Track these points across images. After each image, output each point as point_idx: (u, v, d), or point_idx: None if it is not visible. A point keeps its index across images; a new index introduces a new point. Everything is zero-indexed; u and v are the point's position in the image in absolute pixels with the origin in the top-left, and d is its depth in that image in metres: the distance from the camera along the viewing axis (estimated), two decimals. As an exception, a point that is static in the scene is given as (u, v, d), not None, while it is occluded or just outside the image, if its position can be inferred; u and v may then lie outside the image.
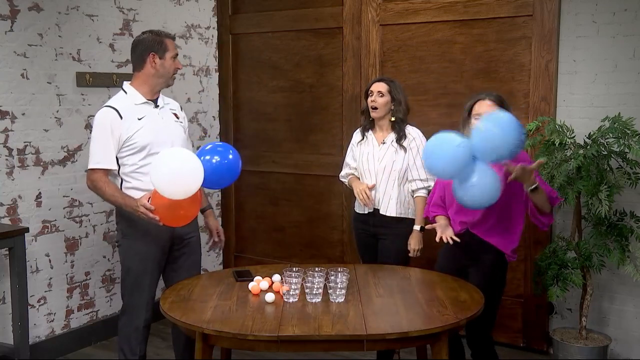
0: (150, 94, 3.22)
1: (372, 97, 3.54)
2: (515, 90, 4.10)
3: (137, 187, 3.16)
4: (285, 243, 5.16)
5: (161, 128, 3.20)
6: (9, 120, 3.82)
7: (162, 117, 3.23)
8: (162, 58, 3.17)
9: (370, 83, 3.64)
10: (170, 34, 3.28)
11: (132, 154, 3.14)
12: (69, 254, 4.20)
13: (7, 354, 3.65)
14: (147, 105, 3.20)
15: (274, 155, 5.09)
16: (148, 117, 3.18)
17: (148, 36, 3.21)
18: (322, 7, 4.77)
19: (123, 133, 3.11)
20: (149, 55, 3.16)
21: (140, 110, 3.17)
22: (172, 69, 3.21)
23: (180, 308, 2.73)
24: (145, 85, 3.20)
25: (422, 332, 2.51)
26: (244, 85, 5.20)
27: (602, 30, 3.84)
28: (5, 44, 3.77)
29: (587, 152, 3.54)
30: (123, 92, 3.22)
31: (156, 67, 3.17)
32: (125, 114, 3.12)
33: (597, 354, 3.72)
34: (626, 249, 3.65)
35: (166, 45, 3.19)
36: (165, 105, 3.29)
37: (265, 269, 3.22)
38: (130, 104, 3.17)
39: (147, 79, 3.19)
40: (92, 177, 3.14)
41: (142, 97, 3.19)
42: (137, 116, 3.14)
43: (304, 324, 2.55)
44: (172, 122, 3.29)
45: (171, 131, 3.25)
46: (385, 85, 3.55)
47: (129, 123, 3.12)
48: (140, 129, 3.13)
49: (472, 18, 4.19)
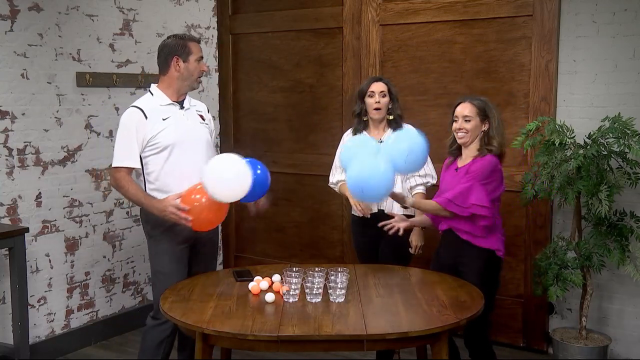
0: (176, 96, 3.24)
1: (374, 97, 3.53)
2: (515, 90, 4.10)
3: (160, 188, 3.16)
4: (285, 243, 5.16)
5: (186, 129, 3.21)
6: (9, 120, 3.82)
7: (187, 118, 3.24)
8: (186, 61, 3.19)
9: (367, 83, 3.60)
10: (195, 37, 3.30)
11: (155, 154, 3.14)
12: (69, 254, 4.20)
13: (7, 354, 3.65)
14: (173, 106, 3.22)
15: (274, 155, 5.09)
16: (173, 117, 3.19)
17: (172, 40, 3.24)
18: (322, 7, 4.77)
19: (147, 132, 3.12)
20: (172, 58, 3.19)
21: (165, 111, 3.19)
22: (196, 71, 3.23)
23: (180, 308, 2.73)
24: (170, 88, 3.23)
25: (422, 332, 2.51)
26: (244, 85, 5.20)
27: (602, 30, 3.84)
28: (5, 44, 3.77)
29: (587, 152, 3.54)
30: (149, 94, 3.25)
31: (180, 70, 3.20)
32: (150, 114, 3.14)
33: (597, 354, 3.72)
34: (626, 249, 3.65)
35: (190, 49, 3.20)
36: (191, 107, 3.31)
37: (265, 269, 3.22)
38: (156, 105, 3.19)
39: (172, 82, 3.22)
40: (116, 176, 3.15)
41: (167, 98, 3.21)
42: (162, 116, 3.16)
43: (304, 324, 2.55)
44: (197, 123, 3.29)
45: (196, 132, 3.26)
46: (385, 85, 3.56)
47: (154, 123, 3.13)
48: (164, 129, 3.14)
49: (472, 18, 4.19)
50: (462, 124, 3.14)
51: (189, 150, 3.18)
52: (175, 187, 3.14)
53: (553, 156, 3.64)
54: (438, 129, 4.31)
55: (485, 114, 3.15)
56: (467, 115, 3.13)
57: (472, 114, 3.13)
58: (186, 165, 3.17)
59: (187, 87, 3.25)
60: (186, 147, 3.18)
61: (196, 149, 3.22)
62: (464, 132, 3.14)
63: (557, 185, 3.56)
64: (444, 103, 4.32)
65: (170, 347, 3.27)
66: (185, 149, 3.17)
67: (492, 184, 3.10)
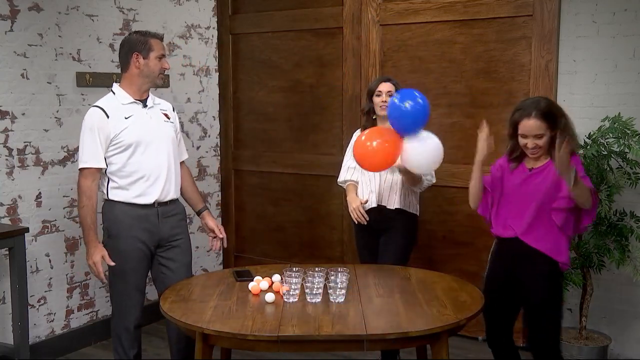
0: (138, 93, 3.22)
1: (381, 97, 3.57)
2: (515, 90, 4.10)
3: (122, 186, 3.18)
4: (285, 243, 5.16)
5: (149, 127, 3.20)
6: (9, 120, 3.82)
7: (150, 117, 3.23)
8: (146, 58, 3.16)
9: (376, 83, 3.66)
10: (157, 34, 3.26)
11: (118, 153, 3.15)
12: (69, 254, 4.20)
13: (7, 354, 3.65)
14: (135, 104, 3.21)
15: (274, 155, 5.09)
16: (135, 116, 3.18)
17: (133, 36, 3.22)
18: (322, 7, 4.76)
19: (110, 132, 3.12)
20: (132, 55, 3.17)
21: (127, 109, 3.18)
22: (157, 68, 3.19)
23: (181, 308, 2.74)
24: (132, 86, 3.21)
25: (422, 332, 2.51)
26: (244, 85, 5.20)
27: (602, 30, 3.84)
28: (5, 44, 3.77)
29: (587, 152, 3.54)
30: (111, 93, 3.24)
31: (140, 67, 3.17)
32: (112, 113, 3.13)
33: (597, 354, 3.73)
34: (626, 249, 3.65)
35: (150, 45, 3.17)
36: (155, 105, 3.30)
37: (265, 269, 3.22)
38: (117, 104, 3.18)
39: (132, 79, 3.20)
40: (80, 183, 3.17)
41: (129, 97, 3.20)
42: (124, 115, 3.15)
43: (304, 324, 2.55)
44: (161, 121, 3.28)
45: (159, 131, 3.25)
46: (392, 86, 3.61)
47: (116, 122, 3.13)
48: (126, 127, 3.14)
49: (472, 18, 4.19)
50: (534, 141, 2.88)
51: (152, 148, 3.19)
52: (137, 185, 3.15)
53: (553, 156, 3.64)
54: (438, 128, 4.31)
55: (554, 122, 2.87)
56: (538, 134, 2.87)
57: (542, 129, 2.86)
58: (149, 163, 3.18)
59: (149, 84, 3.22)
60: (149, 146, 3.17)
61: (160, 147, 3.22)
62: (537, 149, 2.90)
63: (557, 185, 3.55)
64: (444, 103, 4.33)
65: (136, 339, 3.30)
66: (148, 147, 3.17)
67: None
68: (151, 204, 3.21)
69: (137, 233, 3.18)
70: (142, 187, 3.18)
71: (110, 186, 3.19)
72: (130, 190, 3.16)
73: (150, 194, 3.20)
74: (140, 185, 3.18)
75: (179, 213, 3.36)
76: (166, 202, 3.27)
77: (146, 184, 3.19)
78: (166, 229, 3.26)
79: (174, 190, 3.30)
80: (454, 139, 4.25)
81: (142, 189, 3.18)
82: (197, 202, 3.52)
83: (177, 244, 3.33)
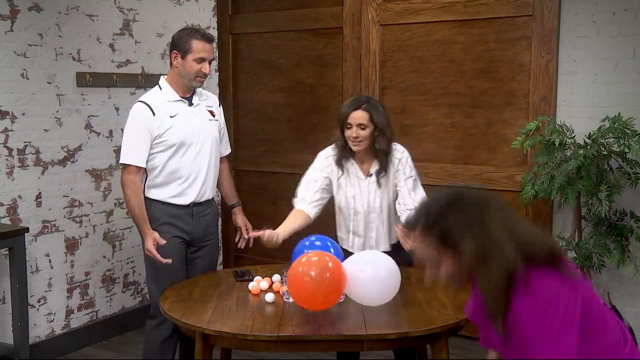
0: (182, 91, 3.17)
1: (352, 131, 2.96)
2: (515, 90, 4.10)
3: (159, 185, 3.16)
4: (285, 243, 5.14)
5: (193, 127, 3.16)
6: (9, 120, 3.82)
7: (195, 116, 3.19)
8: (184, 58, 3.10)
9: (347, 111, 2.98)
10: (206, 35, 3.14)
11: (159, 152, 3.13)
12: (69, 254, 4.20)
13: (7, 354, 3.65)
14: (181, 103, 3.17)
15: (274, 155, 5.09)
16: (180, 115, 3.14)
17: (179, 33, 3.16)
18: (322, 7, 4.76)
19: (154, 130, 3.08)
20: (172, 52, 3.14)
21: (173, 107, 3.14)
22: (192, 71, 3.11)
23: (181, 308, 2.73)
24: (175, 83, 3.17)
25: (422, 332, 2.51)
26: (244, 85, 5.20)
27: (602, 30, 3.84)
28: (5, 44, 3.77)
29: (587, 152, 3.54)
30: (158, 88, 3.19)
31: (178, 65, 3.13)
32: (158, 111, 3.09)
33: (597, 354, 3.72)
34: (626, 249, 3.65)
35: (190, 46, 3.09)
36: (201, 102, 3.24)
37: (265, 269, 3.23)
38: (163, 100, 3.13)
39: (174, 77, 3.17)
40: (124, 178, 3.13)
41: (175, 94, 3.15)
42: (169, 114, 3.11)
43: (304, 324, 2.55)
44: (206, 120, 3.24)
45: (203, 131, 3.21)
46: (365, 114, 2.94)
47: (161, 120, 3.09)
48: (171, 127, 3.10)
49: (472, 18, 4.19)
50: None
51: (193, 149, 3.16)
52: (174, 185, 3.14)
53: (553, 156, 3.64)
54: (438, 128, 4.32)
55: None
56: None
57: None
58: (188, 164, 3.16)
59: (186, 84, 3.16)
60: (191, 147, 3.15)
61: (202, 149, 3.19)
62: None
63: (557, 185, 3.55)
64: (444, 103, 4.32)
65: (174, 347, 3.26)
66: (190, 148, 3.15)
67: None
68: (187, 204, 3.21)
69: (173, 230, 3.18)
70: (180, 188, 3.16)
71: (147, 184, 3.18)
72: (167, 190, 3.14)
73: (187, 194, 3.19)
74: (178, 186, 3.16)
75: (212, 212, 3.37)
76: (201, 202, 3.26)
77: (184, 185, 3.16)
78: (200, 228, 3.27)
79: (210, 190, 3.29)
80: (454, 139, 4.24)
81: (179, 190, 3.16)
82: (231, 197, 3.51)
83: (208, 243, 3.36)
